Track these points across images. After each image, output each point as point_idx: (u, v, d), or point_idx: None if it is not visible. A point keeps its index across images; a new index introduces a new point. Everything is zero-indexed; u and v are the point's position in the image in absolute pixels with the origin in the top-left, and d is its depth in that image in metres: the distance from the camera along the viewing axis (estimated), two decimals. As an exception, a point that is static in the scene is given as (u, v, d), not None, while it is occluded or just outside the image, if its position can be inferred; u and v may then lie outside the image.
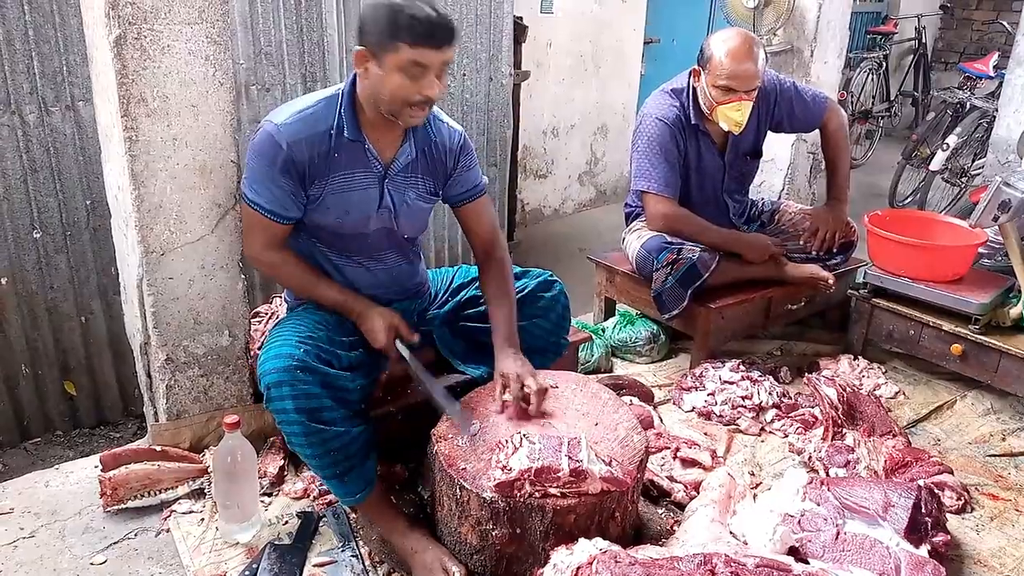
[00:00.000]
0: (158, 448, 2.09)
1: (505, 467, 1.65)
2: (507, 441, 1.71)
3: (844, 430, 2.37)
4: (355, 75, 1.81)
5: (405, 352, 1.93)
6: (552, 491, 1.64)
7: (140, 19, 1.75)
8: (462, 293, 2.20)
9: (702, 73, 2.65)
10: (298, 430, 1.74)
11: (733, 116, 2.62)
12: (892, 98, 7.38)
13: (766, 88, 2.80)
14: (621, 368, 2.96)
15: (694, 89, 2.73)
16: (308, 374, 1.73)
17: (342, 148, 1.84)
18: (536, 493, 1.64)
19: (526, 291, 2.12)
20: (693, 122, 2.75)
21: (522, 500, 1.64)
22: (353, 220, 1.91)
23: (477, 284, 2.16)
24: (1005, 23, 6.54)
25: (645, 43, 5.55)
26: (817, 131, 3.01)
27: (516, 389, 1.85)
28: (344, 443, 1.78)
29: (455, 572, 1.75)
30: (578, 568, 1.53)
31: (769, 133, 2.97)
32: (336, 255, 1.97)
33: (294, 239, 1.95)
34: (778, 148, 3.88)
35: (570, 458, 1.65)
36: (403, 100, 1.74)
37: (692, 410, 2.61)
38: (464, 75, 3.50)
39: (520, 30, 3.74)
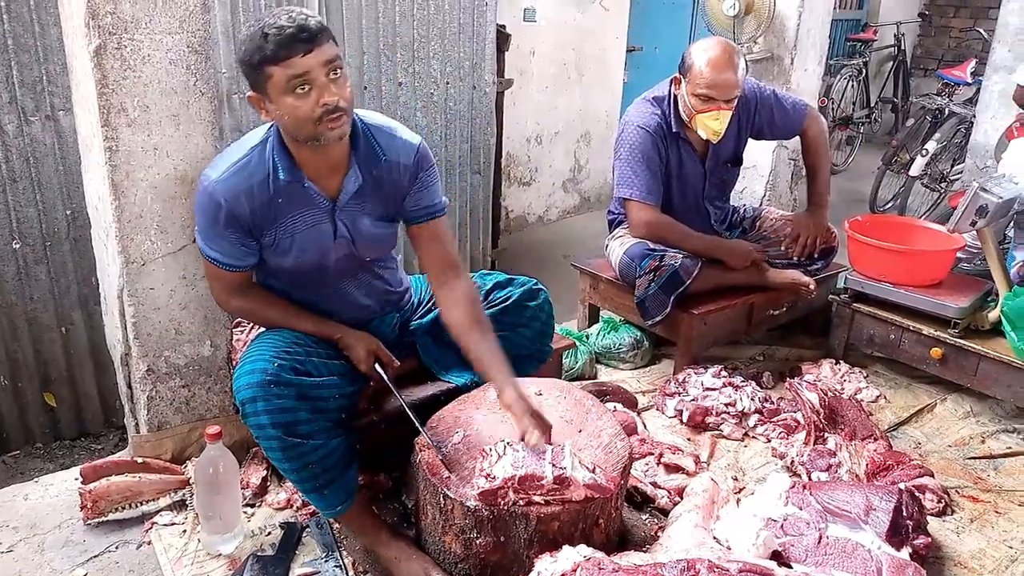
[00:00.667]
0: (139, 460, 2.07)
1: (489, 475, 1.65)
2: (491, 449, 1.71)
3: (826, 434, 2.38)
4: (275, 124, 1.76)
5: (384, 376, 1.93)
6: (536, 499, 1.64)
7: (120, 29, 1.74)
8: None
9: (683, 81, 2.67)
10: (275, 444, 1.73)
11: (712, 125, 2.64)
12: (872, 104, 7.46)
13: (746, 96, 2.82)
14: (605, 374, 2.96)
15: (675, 97, 2.75)
16: (283, 388, 1.71)
17: (282, 192, 1.76)
18: (520, 501, 1.64)
19: (511, 300, 2.11)
20: (674, 130, 2.77)
21: (506, 508, 1.64)
22: (313, 257, 1.86)
23: None
24: (982, 31, 6.63)
25: (628, 51, 5.58)
26: (798, 138, 3.04)
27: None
28: (322, 456, 1.77)
29: None
30: (562, 575, 1.53)
31: (750, 140, 3.00)
32: (305, 291, 1.94)
33: (262, 279, 1.94)
34: (759, 155, 3.91)
35: (554, 465, 1.65)
36: (308, 119, 1.63)
37: (676, 416, 2.61)
38: (447, 83, 3.51)
39: (503, 38, 3.75)
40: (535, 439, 1.70)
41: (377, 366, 1.93)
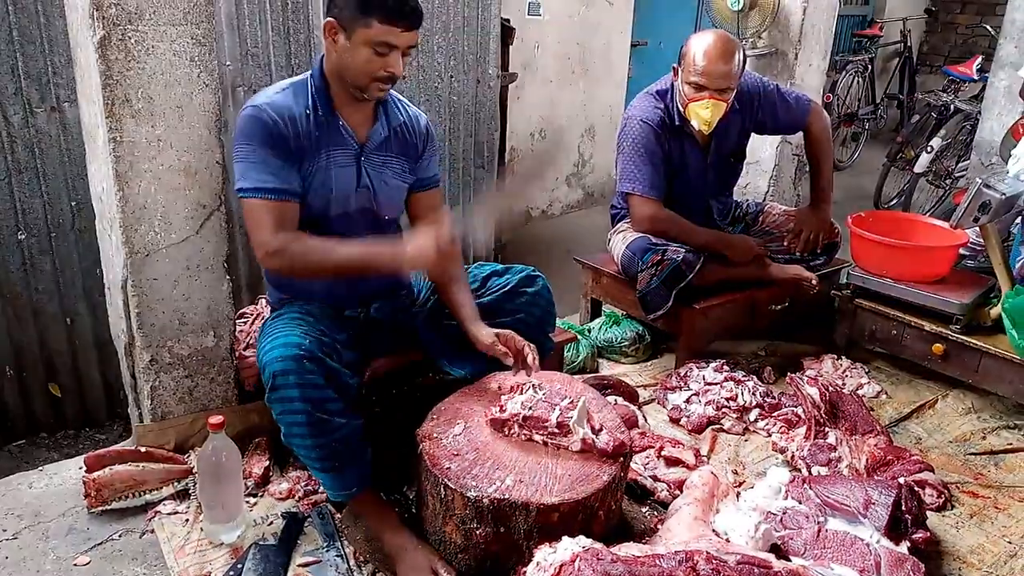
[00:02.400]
0: (143, 449, 2.09)
1: (502, 406, 1.82)
2: (519, 386, 1.90)
3: (826, 429, 2.39)
4: (322, 57, 1.86)
5: (462, 221, 1.93)
6: (536, 437, 1.80)
7: (124, 20, 1.75)
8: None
9: (679, 71, 2.67)
10: (302, 419, 1.74)
11: (702, 114, 2.63)
12: (877, 101, 7.44)
13: (749, 90, 2.82)
14: (606, 368, 2.97)
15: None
16: (314, 364, 1.73)
17: (319, 126, 1.87)
18: (522, 435, 1.81)
19: (508, 286, 2.12)
20: (677, 123, 2.77)
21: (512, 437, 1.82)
22: (335, 200, 1.92)
23: None
24: (989, 27, 6.60)
25: (632, 45, 5.57)
26: (801, 133, 3.04)
27: (515, 346, 1.92)
28: (345, 435, 1.79)
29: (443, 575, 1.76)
30: (561, 566, 1.54)
31: (754, 135, 3.00)
32: None
33: None
34: (763, 150, 3.91)
35: (561, 412, 1.77)
36: (369, 75, 1.79)
37: (676, 423, 2.60)
38: (451, 77, 3.51)
39: (508, 32, 3.75)
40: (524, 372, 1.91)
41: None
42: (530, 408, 1.81)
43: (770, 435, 2.50)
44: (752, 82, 2.85)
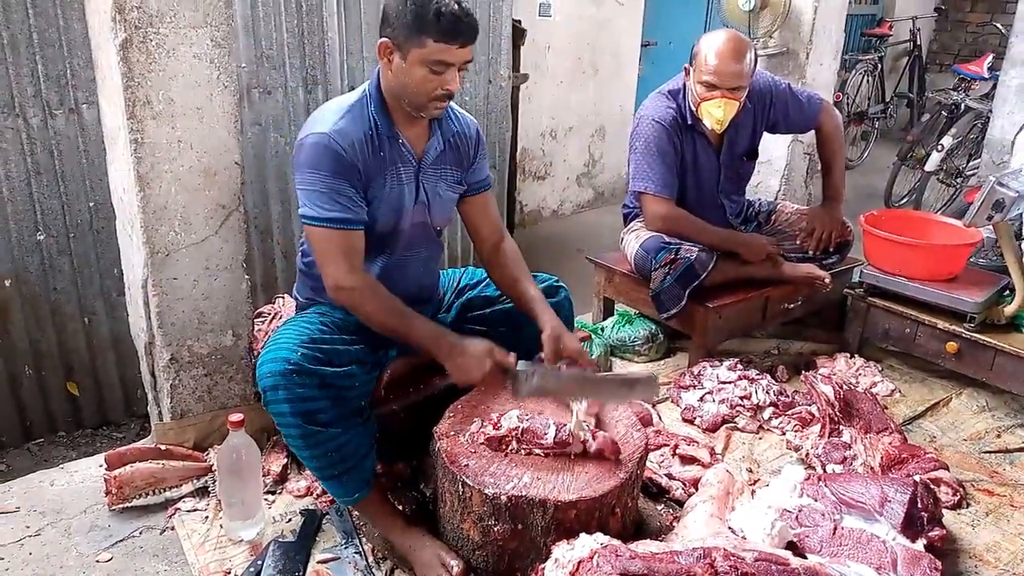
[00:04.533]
0: (163, 447, 2.11)
1: (495, 423, 1.79)
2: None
3: (841, 427, 2.39)
4: (378, 74, 1.85)
5: (524, 368, 1.82)
6: (537, 451, 1.77)
7: (146, 23, 1.78)
8: (466, 295, 2.21)
9: (691, 71, 2.68)
10: (295, 432, 1.76)
11: (714, 113, 2.64)
12: (887, 100, 7.43)
13: (761, 89, 2.83)
14: (620, 367, 2.98)
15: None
16: (305, 377, 1.73)
17: (382, 147, 1.85)
18: (522, 450, 1.77)
19: None
20: (689, 122, 2.78)
21: (510, 454, 1.78)
22: (394, 217, 1.92)
23: (482, 285, 2.18)
24: (999, 25, 6.59)
25: (643, 46, 5.58)
26: (813, 132, 3.04)
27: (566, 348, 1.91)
28: (340, 444, 1.80)
29: (454, 566, 1.77)
30: (579, 562, 1.55)
31: (766, 134, 3.00)
32: (370, 259, 1.93)
33: None
34: (775, 149, 3.91)
35: (557, 430, 1.77)
36: (426, 94, 1.77)
37: (690, 422, 2.61)
38: (463, 78, 3.52)
39: (519, 33, 3.77)
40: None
41: (514, 362, 1.84)
42: (527, 420, 1.78)
43: (784, 433, 2.51)
44: (764, 81, 2.86)
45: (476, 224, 2.12)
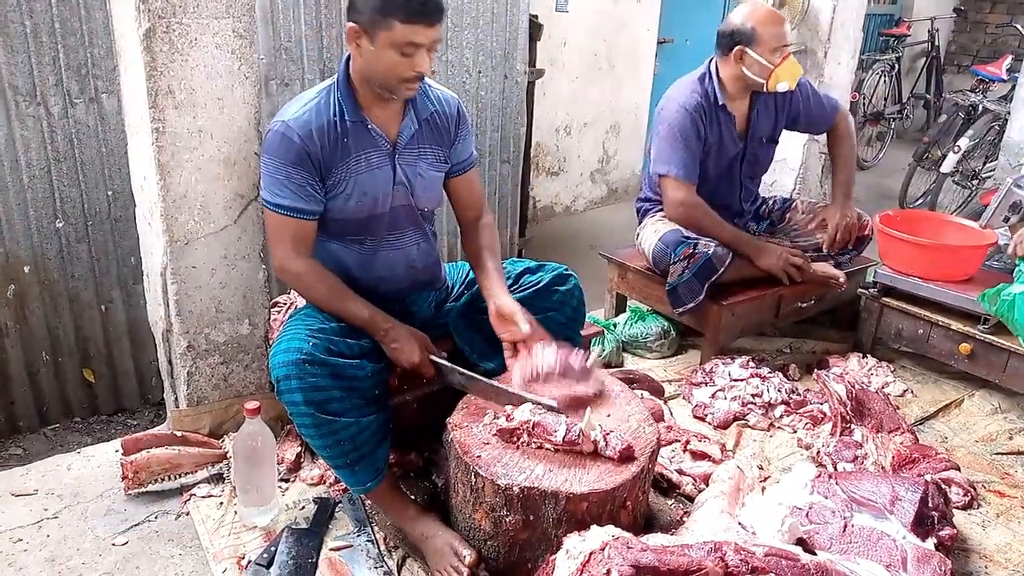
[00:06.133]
0: (178, 433, 2.13)
1: (508, 415, 1.79)
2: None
3: (852, 426, 2.39)
4: (347, 60, 1.86)
5: (443, 362, 1.95)
6: (547, 446, 1.77)
7: (169, 13, 1.79)
8: (476, 287, 2.23)
9: (747, 51, 2.70)
10: (308, 421, 1.78)
11: (794, 71, 2.73)
12: (904, 100, 7.38)
13: None
14: (632, 363, 2.99)
15: (718, 74, 2.80)
16: (317, 367, 1.76)
17: (348, 132, 1.87)
18: (533, 443, 1.77)
19: (541, 284, 2.14)
20: (721, 102, 2.80)
21: (522, 447, 1.79)
22: (371, 201, 1.93)
23: None
24: (1019, 26, 6.52)
25: (659, 43, 5.57)
26: (825, 134, 3.06)
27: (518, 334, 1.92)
28: (353, 434, 1.82)
29: (466, 556, 1.78)
30: (591, 554, 1.56)
31: (784, 132, 3.01)
32: (356, 247, 1.99)
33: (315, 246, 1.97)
34: (790, 149, 3.90)
35: (567, 429, 1.76)
36: (396, 76, 1.78)
37: (701, 407, 2.63)
38: (480, 72, 3.53)
39: (535, 28, 3.77)
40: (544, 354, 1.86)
41: (432, 357, 1.96)
42: (539, 415, 1.79)
43: (796, 431, 2.51)
44: None
45: (458, 201, 2.15)
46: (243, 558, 1.86)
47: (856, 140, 3.07)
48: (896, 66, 7.06)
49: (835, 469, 2.25)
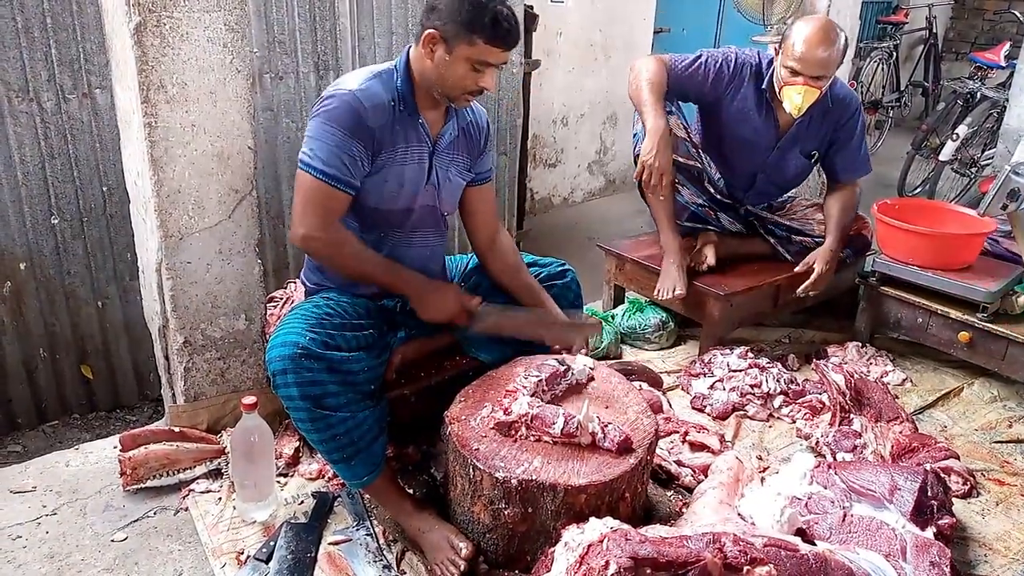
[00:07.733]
0: (176, 429, 2.13)
1: (506, 409, 1.80)
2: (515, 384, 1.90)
3: (851, 416, 2.39)
4: (407, 53, 1.88)
5: (484, 308, 2.00)
6: (545, 438, 1.77)
7: (160, 6, 1.78)
8: (473, 279, 2.23)
9: (779, 53, 2.69)
10: (304, 416, 1.78)
11: (794, 99, 2.65)
12: (902, 88, 7.36)
13: (847, 103, 2.84)
14: (630, 355, 2.98)
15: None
16: (313, 361, 1.75)
17: (400, 121, 1.89)
18: (531, 436, 1.77)
19: (538, 278, 2.15)
20: (767, 94, 2.79)
21: (520, 440, 1.79)
22: (404, 194, 1.95)
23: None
24: (1017, 13, 6.50)
25: (655, 32, 5.54)
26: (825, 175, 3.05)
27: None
28: (349, 428, 1.81)
29: (462, 548, 1.79)
30: (589, 545, 1.56)
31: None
32: (375, 237, 1.97)
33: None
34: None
35: (566, 422, 1.77)
36: (462, 88, 1.84)
37: (700, 398, 2.62)
38: (475, 64, 3.51)
39: (531, 19, 3.75)
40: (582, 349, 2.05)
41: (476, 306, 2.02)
42: (538, 407, 1.80)
43: (794, 421, 2.51)
44: (855, 103, 2.87)
45: (474, 213, 2.16)
46: (242, 553, 1.86)
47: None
48: (894, 54, 7.04)
49: (834, 459, 2.25)
